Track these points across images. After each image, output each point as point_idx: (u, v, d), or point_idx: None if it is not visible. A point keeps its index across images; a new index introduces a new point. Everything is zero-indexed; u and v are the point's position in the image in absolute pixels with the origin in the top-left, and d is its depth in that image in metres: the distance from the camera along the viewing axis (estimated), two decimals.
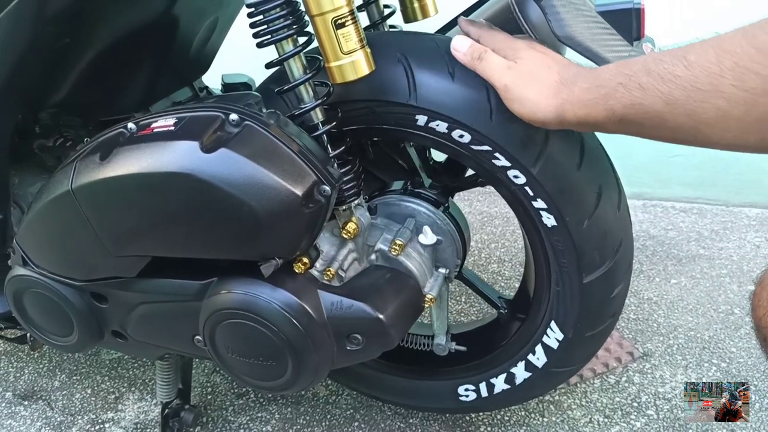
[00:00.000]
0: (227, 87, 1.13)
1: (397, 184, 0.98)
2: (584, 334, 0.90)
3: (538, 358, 0.94)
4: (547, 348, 0.93)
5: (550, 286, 0.89)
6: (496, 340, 1.03)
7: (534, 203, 0.82)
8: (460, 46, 0.76)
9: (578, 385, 1.24)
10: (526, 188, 0.81)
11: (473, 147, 0.80)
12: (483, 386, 1.02)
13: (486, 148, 0.79)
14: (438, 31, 1.00)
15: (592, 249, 0.83)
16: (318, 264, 0.85)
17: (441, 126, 0.80)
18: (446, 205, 0.96)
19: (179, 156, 0.71)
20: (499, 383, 1.00)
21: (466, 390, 1.03)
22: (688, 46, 0.56)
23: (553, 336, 0.91)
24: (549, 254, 0.86)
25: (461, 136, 0.80)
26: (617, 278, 0.87)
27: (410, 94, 0.79)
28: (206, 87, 1.14)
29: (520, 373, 0.97)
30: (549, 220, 0.82)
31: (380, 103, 0.82)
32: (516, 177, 0.81)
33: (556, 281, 0.88)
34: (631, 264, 0.90)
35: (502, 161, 0.80)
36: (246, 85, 1.12)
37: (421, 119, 0.81)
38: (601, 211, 0.82)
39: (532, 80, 0.70)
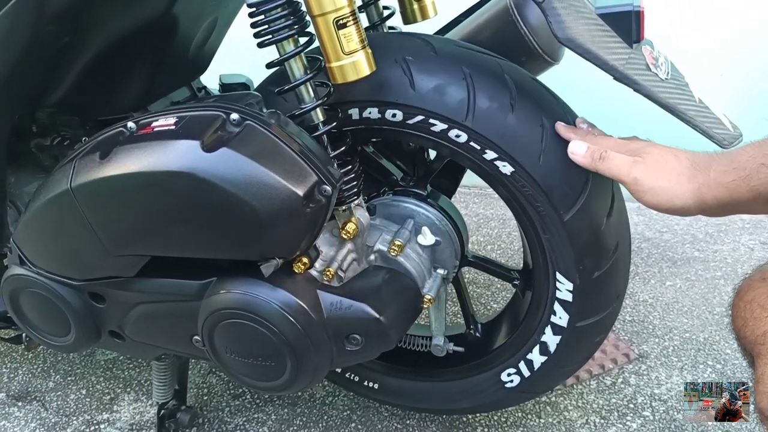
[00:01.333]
0: (225, 87, 1.13)
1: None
2: (592, 276, 0.87)
3: (560, 317, 0.91)
4: (563, 303, 0.90)
5: (540, 238, 0.87)
6: (518, 318, 1.02)
7: (484, 155, 0.82)
8: (578, 149, 0.76)
9: (575, 386, 1.24)
10: (472, 143, 0.82)
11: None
12: (522, 365, 0.98)
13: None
14: (437, 33, 1.00)
15: (560, 184, 0.82)
16: (317, 264, 0.85)
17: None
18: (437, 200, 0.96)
19: (180, 155, 0.71)
20: (536, 356, 0.96)
21: (509, 375, 1.00)
22: None
23: (564, 288, 0.88)
24: (522, 203, 0.85)
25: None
26: (596, 210, 0.84)
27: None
28: (204, 87, 1.14)
29: (551, 339, 0.94)
30: (505, 167, 0.82)
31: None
32: (458, 136, 0.82)
33: (542, 230, 0.86)
34: (613, 195, 0.87)
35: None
36: (244, 86, 1.12)
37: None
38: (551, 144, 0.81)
39: (663, 170, 0.69)
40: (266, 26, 0.74)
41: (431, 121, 0.82)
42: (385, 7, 1.02)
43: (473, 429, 1.17)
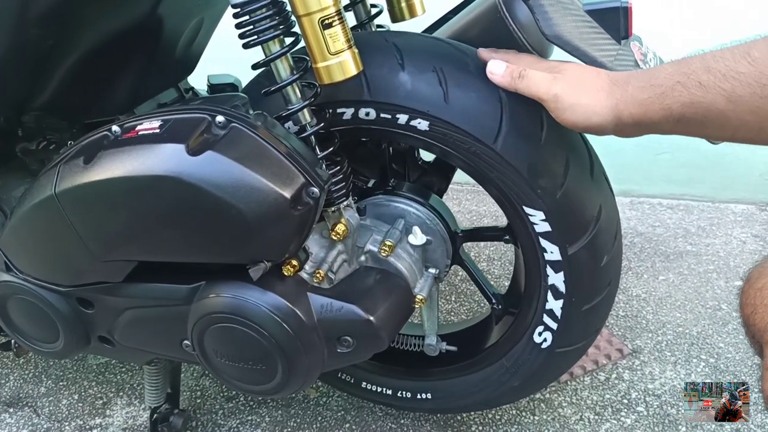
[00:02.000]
0: (213, 88, 1.11)
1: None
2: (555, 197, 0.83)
3: (551, 252, 0.87)
4: (547, 235, 0.86)
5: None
6: (520, 275, 1.01)
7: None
8: (497, 68, 0.75)
9: (568, 382, 1.24)
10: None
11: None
12: (546, 318, 0.94)
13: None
14: (425, 31, 1.00)
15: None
16: (307, 266, 0.85)
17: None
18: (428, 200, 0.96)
19: (165, 159, 0.70)
20: (553, 303, 0.92)
21: (540, 334, 0.96)
22: (750, 42, 0.55)
23: (538, 218, 0.84)
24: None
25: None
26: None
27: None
28: (192, 88, 1.13)
29: (556, 278, 0.89)
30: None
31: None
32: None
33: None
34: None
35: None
36: (233, 86, 1.11)
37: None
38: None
39: (583, 86, 0.68)
40: (251, 27, 0.73)
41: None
42: (373, 5, 1.01)
43: (468, 428, 1.16)
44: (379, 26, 1.04)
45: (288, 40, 0.76)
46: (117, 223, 0.76)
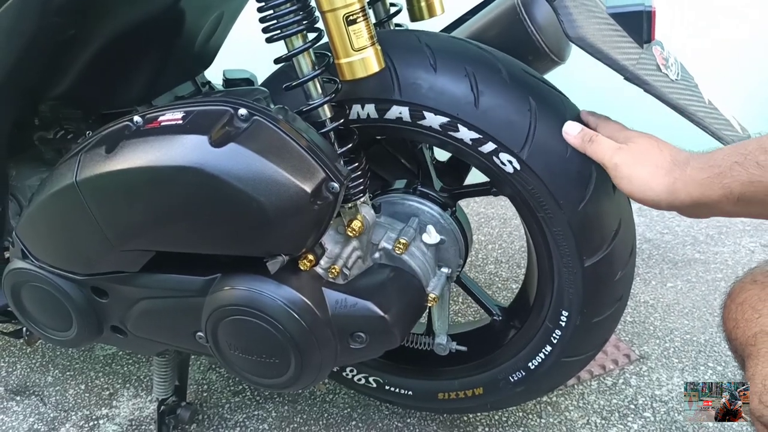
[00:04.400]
0: (229, 82, 1.12)
1: (399, 183, 0.98)
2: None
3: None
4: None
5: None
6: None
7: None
8: (572, 129, 0.78)
9: (575, 386, 1.24)
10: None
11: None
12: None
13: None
14: (443, 30, 1.00)
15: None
16: (323, 261, 0.85)
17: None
18: (454, 209, 0.96)
19: (188, 150, 0.70)
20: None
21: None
22: None
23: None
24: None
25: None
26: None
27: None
28: (209, 82, 1.13)
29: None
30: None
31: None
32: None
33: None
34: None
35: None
36: (248, 81, 1.11)
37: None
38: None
39: (643, 160, 0.70)
40: (275, 21, 0.74)
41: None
42: (392, 4, 1.01)
43: (474, 428, 1.16)
44: (397, 25, 1.04)
45: (311, 36, 0.76)
46: (137, 212, 0.77)
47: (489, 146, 0.81)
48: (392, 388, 1.08)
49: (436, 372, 1.08)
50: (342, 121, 0.80)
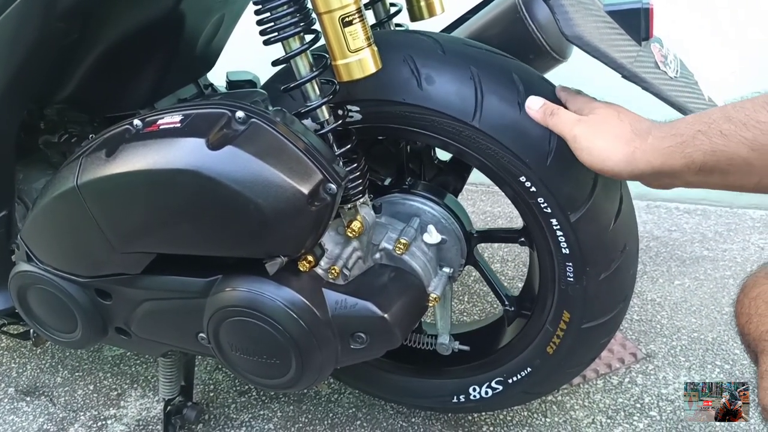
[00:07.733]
0: (232, 84, 1.13)
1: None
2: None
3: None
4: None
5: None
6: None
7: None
8: (534, 104, 0.78)
9: (581, 385, 1.24)
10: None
11: None
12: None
13: None
14: (444, 30, 1.00)
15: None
16: (323, 262, 0.85)
17: None
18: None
19: (185, 153, 0.71)
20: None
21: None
22: None
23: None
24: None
25: None
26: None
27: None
28: (211, 84, 1.14)
29: None
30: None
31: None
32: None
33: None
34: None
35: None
36: (251, 83, 1.12)
37: None
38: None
39: (602, 131, 0.70)
40: (272, 24, 0.74)
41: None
42: (392, 4, 1.02)
43: (479, 428, 1.16)
44: (398, 25, 1.04)
45: (308, 38, 0.76)
46: (137, 215, 0.77)
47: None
48: None
49: None
50: (340, 122, 0.80)
